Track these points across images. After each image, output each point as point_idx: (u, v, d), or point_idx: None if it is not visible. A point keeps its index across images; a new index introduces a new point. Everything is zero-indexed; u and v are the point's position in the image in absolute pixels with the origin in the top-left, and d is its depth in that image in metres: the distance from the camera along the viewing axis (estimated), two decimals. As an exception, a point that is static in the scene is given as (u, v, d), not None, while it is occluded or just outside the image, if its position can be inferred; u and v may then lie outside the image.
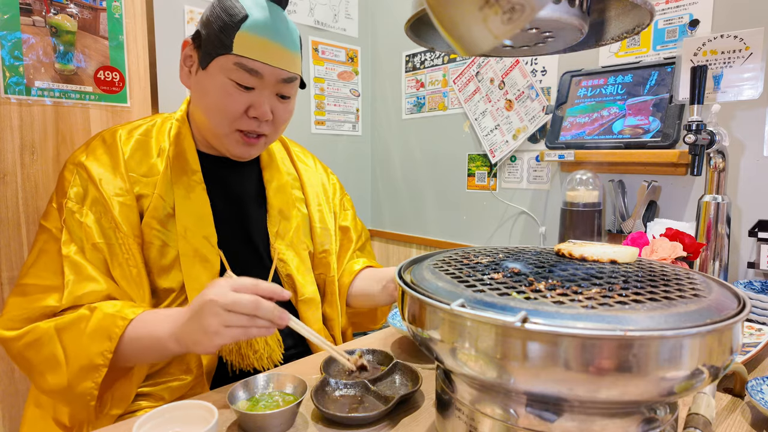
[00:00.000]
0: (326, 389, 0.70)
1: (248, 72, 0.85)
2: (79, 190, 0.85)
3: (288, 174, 1.09)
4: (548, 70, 1.71)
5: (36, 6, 1.28)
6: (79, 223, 0.83)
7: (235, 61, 0.85)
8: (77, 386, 0.74)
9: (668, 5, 1.40)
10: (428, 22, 0.55)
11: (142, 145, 0.92)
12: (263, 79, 0.87)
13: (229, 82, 0.86)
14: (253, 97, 0.88)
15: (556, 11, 0.49)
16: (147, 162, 0.90)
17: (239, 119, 0.89)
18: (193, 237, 0.89)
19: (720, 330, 0.39)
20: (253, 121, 0.90)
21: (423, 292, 0.48)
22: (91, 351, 0.74)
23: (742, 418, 0.67)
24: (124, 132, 0.92)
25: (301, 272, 1.02)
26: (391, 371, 0.77)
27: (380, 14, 2.30)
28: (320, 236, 1.09)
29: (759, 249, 1.24)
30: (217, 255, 0.91)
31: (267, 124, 0.92)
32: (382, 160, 2.39)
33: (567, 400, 0.41)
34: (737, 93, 1.26)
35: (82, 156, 0.88)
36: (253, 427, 0.63)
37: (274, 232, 1.01)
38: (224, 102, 0.87)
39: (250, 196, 1.01)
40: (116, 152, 0.88)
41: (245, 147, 0.93)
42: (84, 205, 0.84)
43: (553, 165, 1.72)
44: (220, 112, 0.88)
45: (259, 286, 0.71)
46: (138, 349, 0.76)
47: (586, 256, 0.58)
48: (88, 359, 0.74)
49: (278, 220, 1.02)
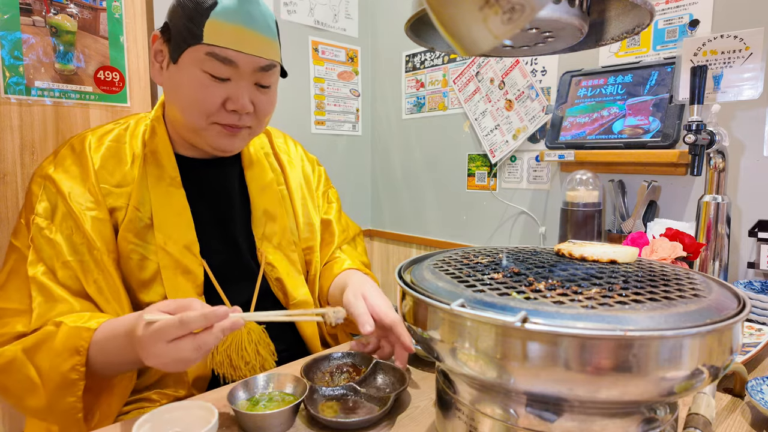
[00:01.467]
0: (314, 397, 0.69)
1: (222, 62, 0.80)
2: (47, 206, 0.80)
3: (272, 170, 1.03)
4: (548, 70, 1.71)
5: (36, 6, 1.28)
6: (48, 240, 0.78)
7: (207, 51, 0.79)
8: (58, 404, 0.72)
9: (668, 5, 1.40)
10: (428, 22, 0.55)
11: (114, 152, 0.86)
12: (238, 68, 0.81)
13: (203, 75, 0.80)
14: (229, 89, 0.82)
15: (556, 11, 0.49)
16: (120, 171, 0.85)
17: (217, 113, 0.83)
18: (174, 247, 0.84)
19: (720, 330, 0.39)
20: (232, 114, 0.84)
21: (423, 292, 0.48)
22: (63, 369, 0.71)
23: (742, 418, 0.67)
24: (94, 138, 0.87)
25: (291, 275, 0.97)
26: (374, 371, 0.77)
27: (380, 14, 2.30)
28: (304, 231, 1.04)
29: (759, 249, 1.24)
30: (200, 265, 0.87)
31: (248, 116, 0.86)
32: (382, 160, 2.39)
33: (567, 400, 0.41)
34: (737, 93, 1.26)
35: (50, 168, 0.83)
36: (253, 427, 0.63)
37: (260, 234, 0.96)
38: (199, 96, 0.81)
39: (232, 198, 0.96)
40: (86, 162, 0.83)
41: (228, 138, 0.86)
42: (53, 221, 0.79)
43: (553, 165, 1.72)
44: (196, 106, 0.82)
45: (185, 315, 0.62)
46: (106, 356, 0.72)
47: (586, 256, 0.58)
48: (62, 376, 0.71)
49: (263, 222, 0.97)
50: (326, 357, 0.80)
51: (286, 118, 2.07)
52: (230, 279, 0.91)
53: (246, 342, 0.87)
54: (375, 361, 0.77)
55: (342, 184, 2.28)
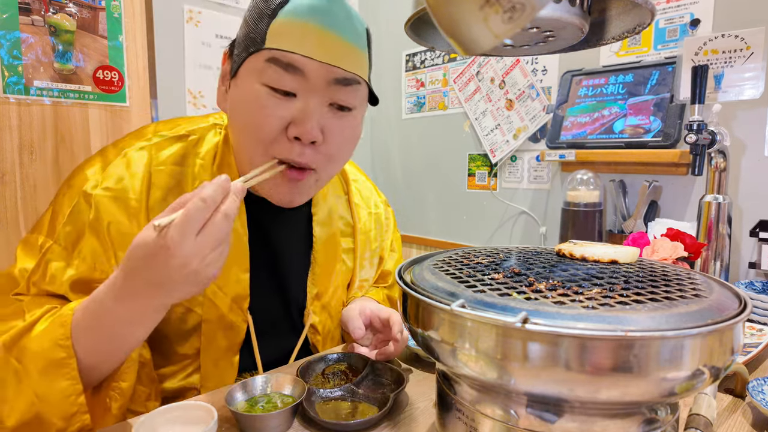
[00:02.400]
0: (313, 398, 0.69)
1: (284, 69, 0.62)
2: (71, 231, 0.65)
3: (341, 219, 0.90)
4: (549, 69, 1.70)
5: (35, 5, 1.28)
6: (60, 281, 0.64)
7: (268, 56, 0.63)
8: (49, 394, 0.56)
9: (669, 5, 1.40)
10: (428, 22, 0.55)
11: (176, 181, 0.71)
12: (307, 79, 0.63)
13: (261, 89, 0.64)
14: (295, 108, 0.64)
15: (556, 10, 0.49)
16: None
17: (276, 141, 0.65)
18: (223, 300, 0.74)
19: (721, 330, 0.39)
20: (296, 144, 0.65)
21: (423, 292, 0.48)
22: (45, 347, 0.57)
23: (743, 419, 0.67)
24: (156, 157, 0.71)
25: (328, 339, 0.90)
26: (370, 372, 0.76)
27: (380, 14, 2.30)
28: (356, 288, 0.96)
29: (760, 249, 1.24)
30: (245, 321, 0.77)
31: (316, 150, 0.67)
32: (382, 160, 2.38)
33: (568, 400, 0.41)
34: (738, 93, 1.26)
35: (93, 181, 0.67)
36: (251, 428, 0.63)
37: (314, 293, 0.85)
38: (256, 117, 0.64)
39: (294, 250, 0.84)
40: (140, 192, 0.68)
41: (287, 186, 0.69)
42: (73, 253, 0.65)
43: (553, 165, 1.72)
44: (251, 131, 0.65)
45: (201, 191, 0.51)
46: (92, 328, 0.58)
47: (586, 257, 0.57)
48: (46, 358, 0.57)
49: (321, 280, 0.85)
50: (322, 358, 0.80)
51: (286, 118, 2.06)
52: (270, 335, 0.82)
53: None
54: (371, 362, 0.77)
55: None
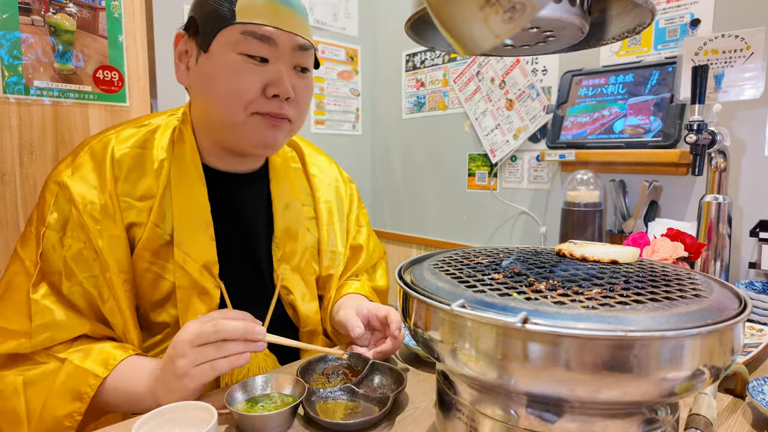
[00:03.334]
0: (313, 398, 0.69)
1: (260, 40, 0.74)
2: (59, 217, 0.74)
3: (300, 187, 0.98)
4: (549, 69, 1.70)
5: (35, 5, 1.28)
6: (60, 257, 0.74)
7: (243, 30, 0.74)
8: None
9: (669, 5, 1.40)
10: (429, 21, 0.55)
11: (138, 160, 0.80)
12: (278, 47, 0.76)
13: (239, 58, 0.75)
14: (269, 72, 0.76)
15: (557, 10, 0.49)
16: (143, 183, 0.79)
17: (257, 101, 0.76)
18: (193, 266, 0.79)
19: (721, 330, 0.39)
20: (273, 101, 0.77)
21: (423, 292, 0.48)
22: (58, 413, 0.67)
23: (743, 419, 0.67)
24: (118, 143, 0.80)
25: (306, 300, 0.93)
26: (371, 372, 0.76)
27: (380, 13, 2.30)
28: (325, 260, 0.99)
29: (760, 249, 1.24)
30: (217, 287, 0.82)
31: (289, 105, 0.79)
32: (382, 160, 2.38)
33: (568, 400, 0.41)
34: (738, 93, 1.26)
35: (66, 173, 0.77)
36: (251, 428, 0.63)
37: (279, 255, 0.90)
38: (236, 82, 0.75)
39: (257, 217, 0.90)
40: (106, 171, 0.77)
41: (271, 130, 0.79)
42: (65, 233, 0.74)
43: (553, 165, 1.72)
44: (233, 95, 0.75)
45: (223, 321, 0.66)
46: (111, 401, 0.70)
47: (586, 257, 0.57)
48: (55, 422, 0.67)
49: (284, 242, 0.91)
50: (322, 358, 0.80)
51: (286, 118, 2.07)
52: (246, 302, 0.84)
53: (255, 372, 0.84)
54: (371, 362, 0.77)
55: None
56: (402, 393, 0.72)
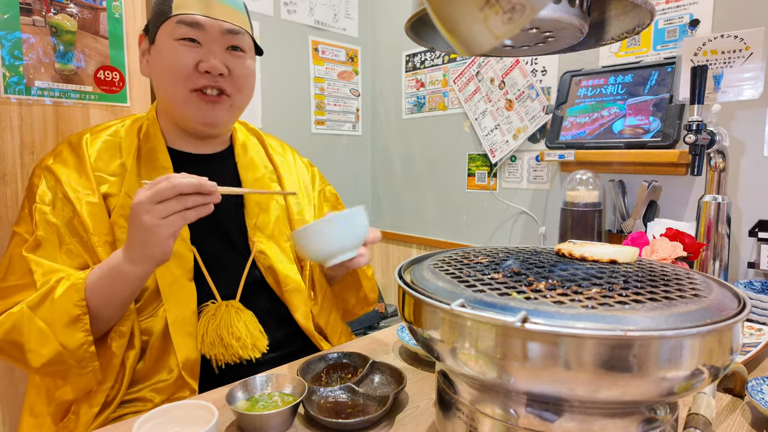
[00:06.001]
0: (313, 397, 0.69)
1: (189, 25, 0.87)
2: (48, 193, 0.86)
3: (265, 167, 1.06)
4: (548, 69, 1.71)
5: (36, 6, 1.28)
6: (52, 224, 0.84)
7: (177, 20, 0.87)
8: (70, 342, 0.76)
9: (668, 5, 1.40)
10: (428, 22, 0.55)
11: (109, 145, 0.92)
12: (206, 30, 0.88)
13: (176, 43, 0.88)
14: (201, 52, 0.89)
15: (556, 11, 0.49)
16: (115, 161, 0.90)
17: (191, 76, 0.88)
18: None
19: (720, 330, 0.39)
20: (206, 76, 0.89)
21: (423, 292, 0.48)
22: (66, 308, 0.76)
23: (742, 418, 0.67)
24: (92, 135, 0.93)
25: (283, 263, 0.99)
26: (370, 371, 0.76)
27: (380, 14, 2.30)
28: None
29: (759, 249, 1.24)
30: (190, 251, 0.89)
31: (225, 80, 0.91)
32: (382, 160, 2.39)
33: (567, 400, 0.41)
34: (737, 93, 1.26)
35: (49, 160, 0.89)
36: (252, 427, 0.63)
37: (252, 224, 0.99)
38: (173, 61, 0.88)
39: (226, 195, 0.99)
40: (82, 154, 0.89)
41: (207, 107, 0.91)
42: (54, 207, 0.85)
43: (553, 165, 1.72)
44: (172, 73, 0.88)
45: (175, 178, 0.72)
46: (105, 288, 0.77)
47: (586, 256, 0.58)
48: (68, 315, 0.76)
49: (256, 212, 0.99)
50: (322, 357, 0.80)
51: (287, 118, 2.07)
52: (221, 267, 0.93)
53: (235, 320, 0.89)
54: (372, 361, 0.77)
55: (342, 184, 2.28)
56: (402, 392, 0.72)
